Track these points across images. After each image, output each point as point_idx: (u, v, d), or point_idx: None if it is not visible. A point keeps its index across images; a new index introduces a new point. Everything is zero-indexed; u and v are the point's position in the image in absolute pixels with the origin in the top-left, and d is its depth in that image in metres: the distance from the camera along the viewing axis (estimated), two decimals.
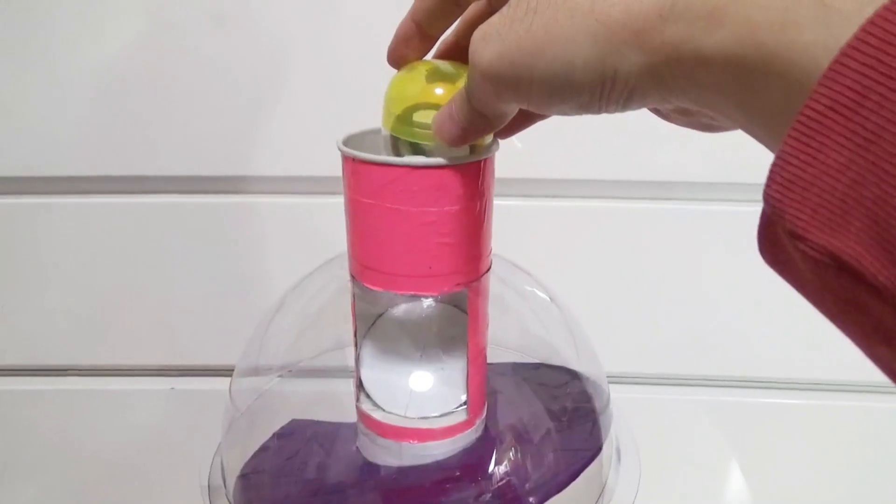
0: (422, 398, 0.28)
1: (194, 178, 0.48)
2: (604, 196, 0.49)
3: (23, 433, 0.55)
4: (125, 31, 0.44)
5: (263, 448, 0.32)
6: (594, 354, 0.33)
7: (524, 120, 0.26)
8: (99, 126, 0.46)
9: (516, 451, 0.27)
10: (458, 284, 0.26)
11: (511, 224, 0.49)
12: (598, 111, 0.19)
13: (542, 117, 0.26)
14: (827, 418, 0.54)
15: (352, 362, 0.31)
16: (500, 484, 0.25)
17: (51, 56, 0.44)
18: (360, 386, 0.29)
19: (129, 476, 0.56)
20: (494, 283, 0.28)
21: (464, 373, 0.29)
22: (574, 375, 0.33)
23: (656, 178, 0.48)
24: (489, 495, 0.25)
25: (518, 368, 0.34)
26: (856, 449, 0.54)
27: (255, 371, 0.34)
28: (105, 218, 0.49)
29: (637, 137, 0.45)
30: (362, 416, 0.29)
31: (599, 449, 0.27)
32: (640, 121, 0.45)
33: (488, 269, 0.27)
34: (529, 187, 0.49)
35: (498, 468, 0.26)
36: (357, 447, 0.30)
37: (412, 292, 0.25)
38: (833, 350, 0.51)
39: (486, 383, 0.30)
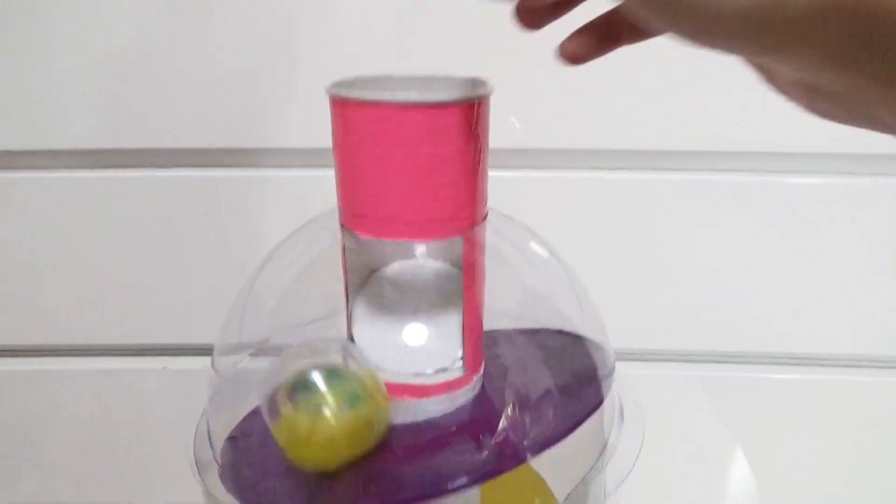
0: (416, 354, 0.27)
1: (194, 151, 0.47)
2: (603, 167, 0.48)
3: (13, 413, 0.54)
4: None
5: (253, 412, 0.31)
6: (597, 314, 0.32)
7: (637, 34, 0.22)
8: (98, 99, 0.45)
9: (514, 406, 0.26)
10: (453, 231, 0.25)
11: (507, 196, 0.48)
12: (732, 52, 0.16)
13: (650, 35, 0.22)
14: (832, 394, 0.53)
15: (343, 332, 0.29)
16: (498, 439, 0.24)
17: (53, 27, 0.43)
18: (351, 342, 0.28)
19: (120, 455, 0.55)
20: (491, 237, 0.27)
21: (459, 329, 0.28)
22: (576, 338, 0.31)
23: (660, 148, 0.47)
24: (487, 451, 0.24)
25: (518, 333, 0.33)
26: (864, 425, 0.53)
27: (239, 336, 0.32)
28: (98, 193, 0.48)
29: (643, 105, 0.44)
30: None
31: (600, 403, 0.26)
32: (645, 88, 0.44)
33: (484, 219, 0.26)
34: (528, 158, 0.48)
35: (496, 422, 0.25)
36: None
37: (405, 238, 0.24)
38: (838, 325, 0.50)
39: (485, 347, 0.29)
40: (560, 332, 0.32)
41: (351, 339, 0.28)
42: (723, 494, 0.56)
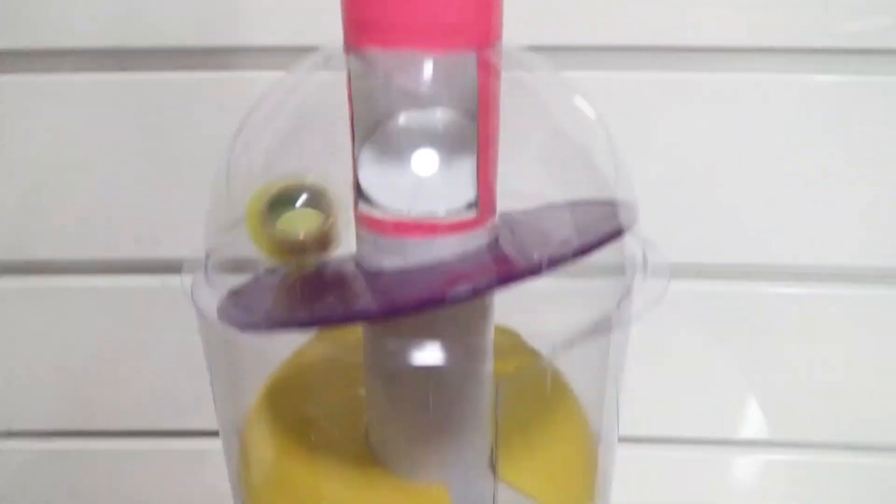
0: (427, 195, 0.26)
1: (177, 50, 0.45)
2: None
3: (6, 333, 0.53)
4: None
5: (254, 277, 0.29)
6: (631, 180, 0.30)
7: None
8: None
9: (528, 234, 0.24)
10: (465, 44, 0.23)
11: (513, 99, 0.46)
12: None
13: None
14: (841, 308, 0.51)
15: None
16: (508, 255, 0.23)
17: None
18: (357, 190, 0.27)
19: (120, 376, 0.54)
20: (524, 75, 0.26)
21: (472, 173, 0.26)
22: (608, 200, 0.29)
23: (653, 44, 0.44)
24: (494, 265, 0.23)
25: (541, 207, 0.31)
26: (878, 340, 0.52)
27: (228, 202, 0.31)
28: (82, 96, 0.46)
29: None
30: (361, 219, 0.26)
31: (621, 232, 0.25)
32: None
33: (499, 44, 0.25)
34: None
35: (509, 259, 0.24)
36: (356, 262, 0.27)
37: (412, 48, 0.23)
38: (846, 236, 0.48)
39: (509, 219, 0.27)
40: (591, 202, 0.30)
41: (357, 185, 0.27)
42: (726, 411, 0.54)
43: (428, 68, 0.23)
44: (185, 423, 0.55)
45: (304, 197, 0.26)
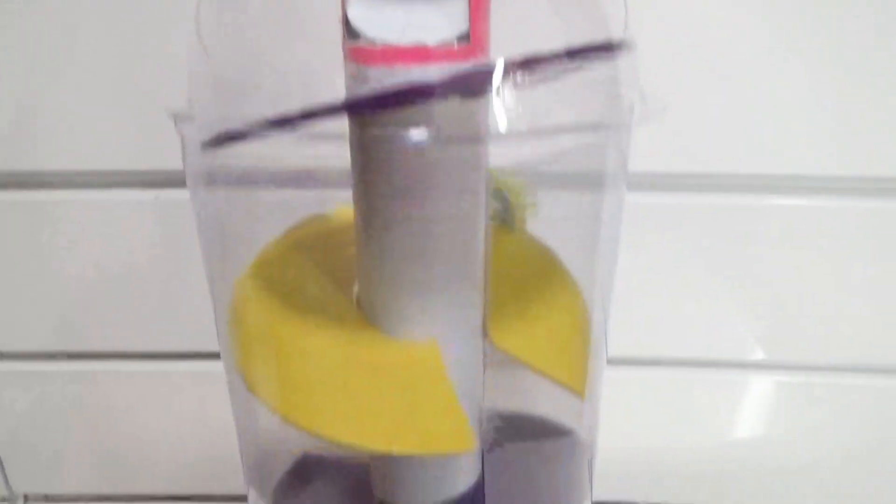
0: (418, 25, 0.25)
1: None
2: None
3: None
4: None
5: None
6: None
7: None
8: None
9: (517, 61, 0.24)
10: None
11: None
12: None
13: None
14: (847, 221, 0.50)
15: None
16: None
17: None
18: (346, 24, 0.26)
19: (113, 292, 0.53)
20: None
21: (465, 4, 0.26)
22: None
23: None
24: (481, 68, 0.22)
25: None
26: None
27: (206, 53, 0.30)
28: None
29: None
30: (349, 52, 0.26)
31: (611, 48, 0.24)
32: None
33: None
34: None
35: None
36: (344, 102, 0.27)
37: None
38: (842, 144, 0.47)
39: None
40: None
41: (346, 20, 0.26)
42: (715, 330, 0.54)
43: None
44: (180, 344, 0.55)
45: None
